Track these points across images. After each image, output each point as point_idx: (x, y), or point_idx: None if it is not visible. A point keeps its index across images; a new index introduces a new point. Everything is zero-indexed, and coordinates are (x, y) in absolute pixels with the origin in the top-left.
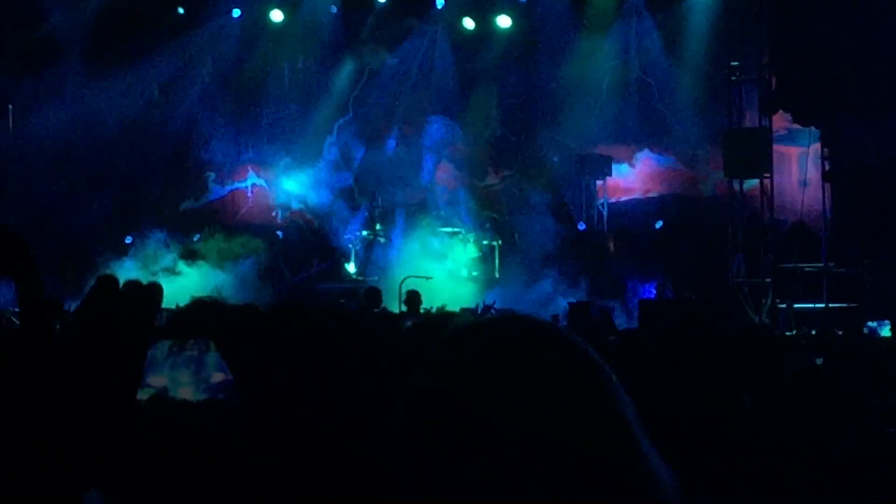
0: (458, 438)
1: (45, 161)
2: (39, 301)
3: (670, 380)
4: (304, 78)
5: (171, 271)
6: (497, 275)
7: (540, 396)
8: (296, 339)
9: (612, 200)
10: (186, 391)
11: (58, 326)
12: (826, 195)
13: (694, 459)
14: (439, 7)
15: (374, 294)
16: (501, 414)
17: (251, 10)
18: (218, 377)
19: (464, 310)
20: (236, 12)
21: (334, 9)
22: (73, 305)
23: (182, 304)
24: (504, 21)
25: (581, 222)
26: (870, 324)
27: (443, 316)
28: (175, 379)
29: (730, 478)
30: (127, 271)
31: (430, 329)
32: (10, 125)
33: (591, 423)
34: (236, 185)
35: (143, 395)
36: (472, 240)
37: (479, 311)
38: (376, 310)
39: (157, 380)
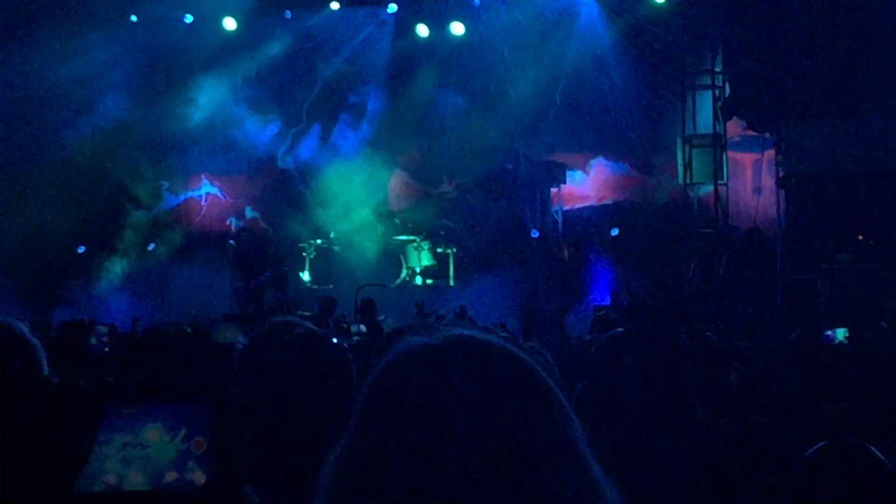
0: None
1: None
2: None
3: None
4: (257, 85)
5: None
6: (452, 282)
7: (485, 417)
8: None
9: (567, 208)
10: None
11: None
12: (780, 201)
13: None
14: (391, 12)
15: (330, 303)
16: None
17: (203, 18)
18: (171, 476)
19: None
20: (188, 18)
21: (288, 14)
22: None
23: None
24: (457, 28)
25: (535, 230)
26: (827, 331)
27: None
28: (127, 475)
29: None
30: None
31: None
32: None
33: (536, 446)
34: (190, 193)
35: (94, 488)
36: (426, 248)
37: (434, 318)
38: (330, 318)
39: (109, 477)
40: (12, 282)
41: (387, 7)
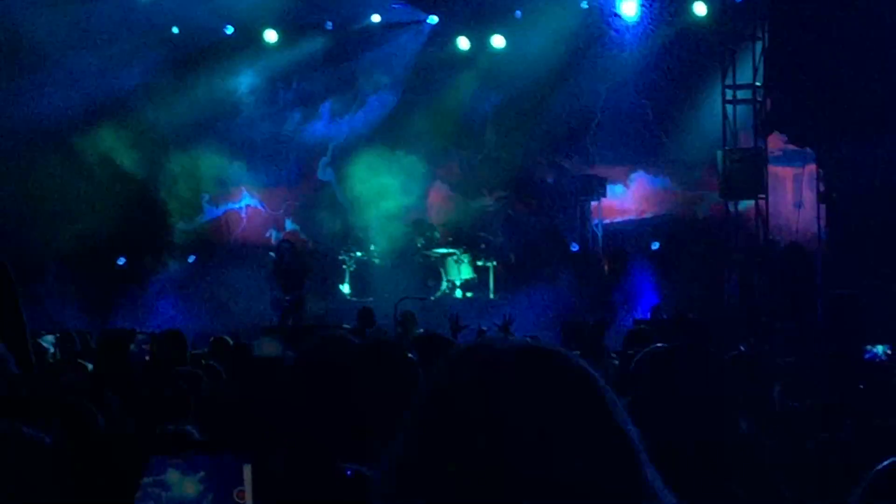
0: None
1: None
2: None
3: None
4: (298, 98)
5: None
6: (492, 296)
7: (547, 422)
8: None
9: (607, 221)
10: None
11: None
12: (821, 216)
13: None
14: (431, 24)
15: (367, 314)
16: (506, 438)
17: (244, 29)
18: (222, 490)
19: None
20: (229, 29)
21: (329, 25)
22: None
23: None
24: (498, 41)
25: (574, 243)
26: (868, 347)
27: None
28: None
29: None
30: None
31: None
32: None
33: (598, 450)
34: (230, 205)
35: None
36: (466, 260)
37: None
38: (369, 329)
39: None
40: (60, 291)
41: (427, 18)
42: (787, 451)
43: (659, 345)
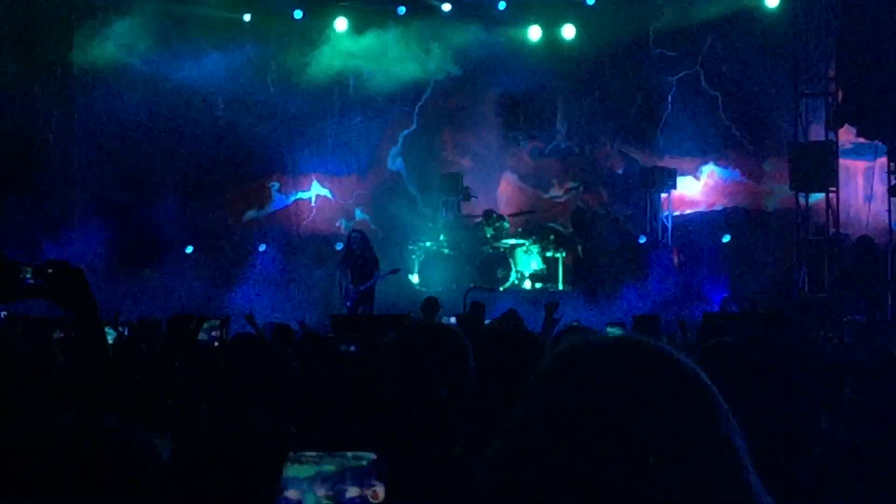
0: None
1: (104, 165)
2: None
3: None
4: (368, 87)
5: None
6: (561, 287)
7: (654, 419)
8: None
9: (676, 213)
10: None
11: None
12: (891, 209)
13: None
14: (501, 9)
15: (433, 303)
16: (613, 432)
17: (314, 17)
18: (353, 492)
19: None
20: (298, 13)
21: (402, 9)
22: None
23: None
24: (569, 31)
25: (642, 235)
26: None
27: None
28: (341, 492)
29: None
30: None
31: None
32: (76, 126)
33: (703, 449)
34: (300, 194)
35: None
36: (535, 252)
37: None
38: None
39: (323, 490)
40: (130, 279)
41: (497, 5)
42: (863, 449)
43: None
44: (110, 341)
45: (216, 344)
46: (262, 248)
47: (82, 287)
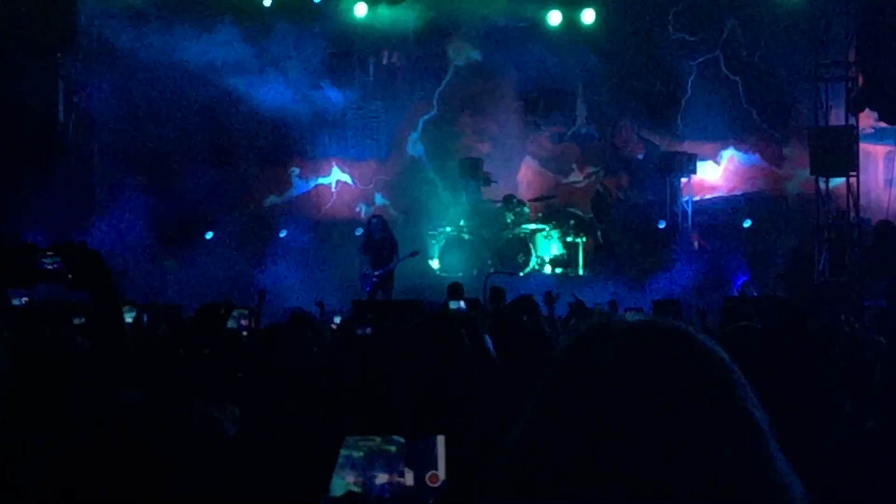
0: (588, 438)
1: (122, 147)
2: (116, 320)
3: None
4: (388, 72)
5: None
6: (581, 272)
7: (677, 402)
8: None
9: (697, 198)
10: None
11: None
12: None
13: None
14: None
15: (457, 289)
16: (636, 417)
17: (334, 1)
18: (382, 478)
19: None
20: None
21: None
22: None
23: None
24: (589, 16)
25: (661, 220)
26: None
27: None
28: (371, 478)
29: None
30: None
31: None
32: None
33: (728, 431)
34: (320, 180)
35: (336, 492)
36: (555, 237)
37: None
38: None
39: (352, 476)
40: (152, 264)
41: None
42: (889, 433)
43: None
44: (129, 320)
45: (245, 333)
46: (283, 233)
47: (100, 270)
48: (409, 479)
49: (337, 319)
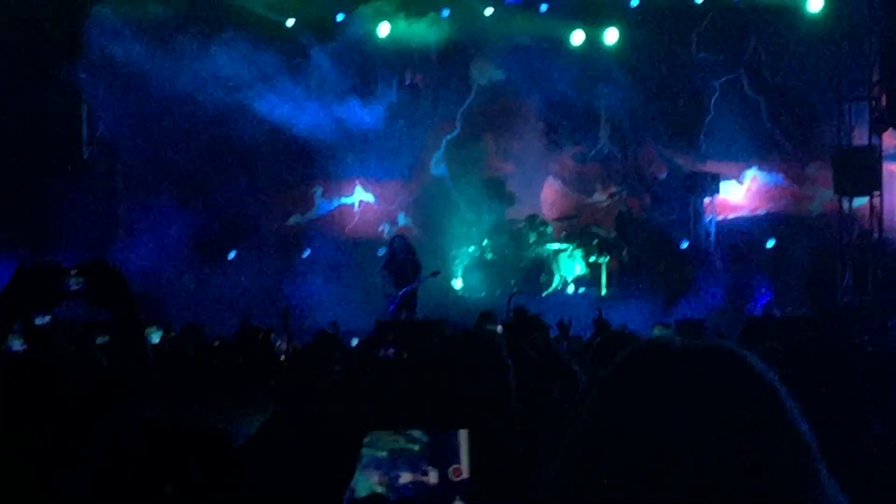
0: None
1: (144, 167)
2: (136, 336)
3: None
4: (411, 93)
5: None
6: (604, 292)
7: (727, 423)
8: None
9: (720, 218)
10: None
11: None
12: None
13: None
14: (543, 11)
15: (488, 315)
16: (684, 434)
17: (358, 22)
18: (406, 477)
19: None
20: (340, 16)
21: (446, 12)
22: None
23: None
24: (611, 35)
25: (684, 240)
26: None
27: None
28: (395, 478)
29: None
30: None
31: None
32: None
33: (778, 450)
34: (343, 199)
35: (360, 493)
36: (578, 256)
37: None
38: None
39: (377, 476)
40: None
41: (539, 7)
42: None
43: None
44: (157, 341)
45: (282, 357)
46: (307, 253)
47: (120, 287)
48: (432, 477)
49: (354, 341)
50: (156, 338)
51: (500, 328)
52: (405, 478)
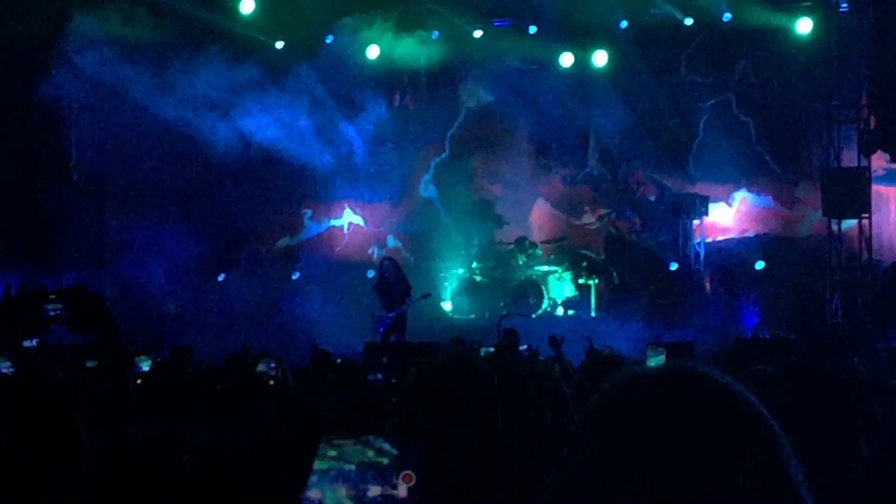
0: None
1: (133, 189)
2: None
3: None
4: (400, 115)
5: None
6: (593, 314)
7: (713, 455)
8: None
9: (709, 240)
10: None
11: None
12: None
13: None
14: (532, 33)
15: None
16: (671, 468)
17: (346, 43)
18: (375, 490)
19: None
20: (329, 38)
21: (435, 34)
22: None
23: None
24: (600, 58)
25: (673, 262)
26: None
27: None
28: (363, 491)
29: None
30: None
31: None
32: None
33: (764, 484)
34: (332, 222)
35: None
36: (568, 278)
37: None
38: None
39: (345, 490)
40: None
41: (528, 29)
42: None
43: (761, 367)
44: (146, 369)
45: (272, 382)
46: (296, 275)
47: (101, 312)
48: (402, 490)
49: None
50: (145, 366)
51: (492, 349)
52: (374, 491)
